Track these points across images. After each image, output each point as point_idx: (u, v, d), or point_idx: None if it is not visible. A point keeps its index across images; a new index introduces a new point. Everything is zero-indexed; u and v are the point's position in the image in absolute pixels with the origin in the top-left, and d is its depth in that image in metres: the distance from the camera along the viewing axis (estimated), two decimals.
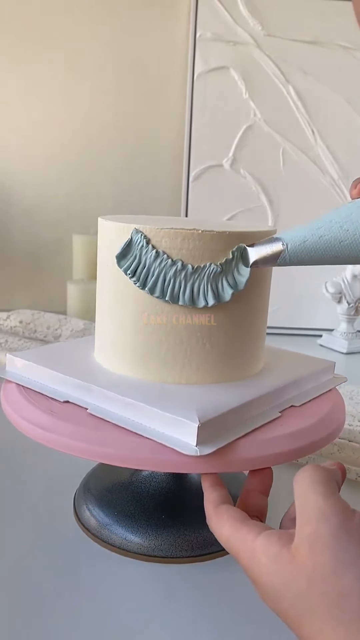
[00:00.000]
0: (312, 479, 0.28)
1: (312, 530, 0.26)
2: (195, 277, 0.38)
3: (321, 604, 0.24)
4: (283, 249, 0.35)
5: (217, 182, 1.07)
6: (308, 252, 0.34)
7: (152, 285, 0.38)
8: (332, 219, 0.34)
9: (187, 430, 0.34)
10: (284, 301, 1.07)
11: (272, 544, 0.28)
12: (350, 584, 0.24)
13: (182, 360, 0.40)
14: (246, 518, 0.31)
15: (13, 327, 0.90)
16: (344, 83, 1.06)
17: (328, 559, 0.25)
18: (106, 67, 1.09)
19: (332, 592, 0.24)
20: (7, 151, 1.10)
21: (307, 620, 0.25)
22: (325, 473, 0.28)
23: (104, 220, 0.42)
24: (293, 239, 0.35)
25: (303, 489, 0.28)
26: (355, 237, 0.33)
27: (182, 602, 0.38)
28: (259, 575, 0.27)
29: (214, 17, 1.03)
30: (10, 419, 0.40)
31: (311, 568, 0.25)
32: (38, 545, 0.43)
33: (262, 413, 0.39)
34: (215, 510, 0.32)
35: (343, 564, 0.24)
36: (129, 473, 0.47)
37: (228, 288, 0.38)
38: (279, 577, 0.26)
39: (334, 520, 0.26)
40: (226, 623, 0.36)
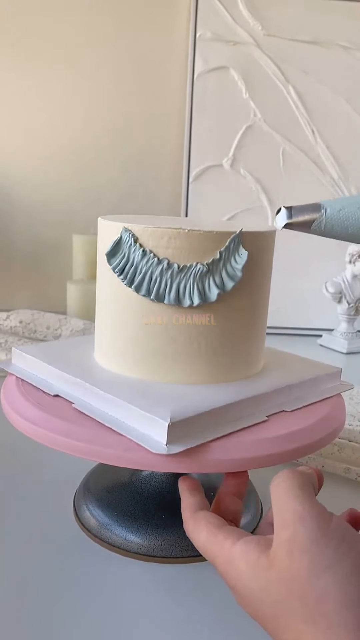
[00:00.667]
0: (288, 483, 0.28)
1: (290, 534, 0.26)
2: (181, 277, 0.38)
3: (299, 608, 0.24)
4: (321, 214, 0.35)
5: (217, 182, 1.07)
6: (344, 220, 0.34)
7: (138, 283, 0.38)
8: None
9: (159, 429, 0.34)
10: (284, 301, 1.07)
11: (251, 550, 0.27)
12: (327, 588, 0.24)
13: (180, 360, 0.40)
14: (223, 524, 0.31)
15: (13, 327, 0.90)
16: (344, 83, 1.06)
17: (306, 564, 0.25)
18: (106, 67, 1.09)
19: (310, 596, 0.24)
20: (8, 151, 1.10)
21: (286, 625, 0.25)
22: (302, 477, 0.28)
23: (103, 220, 0.42)
24: (332, 205, 0.35)
25: (280, 494, 0.28)
26: None
27: (182, 602, 0.38)
28: (237, 581, 0.27)
29: (214, 17, 1.03)
30: (4, 409, 0.41)
31: (289, 573, 0.25)
32: (38, 545, 0.43)
33: (247, 415, 0.38)
34: (192, 516, 0.32)
35: (320, 568, 0.24)
36: (129, 473, 0.47)
37: (214, 288, 0.38)
38: (257, 583, 0.26)
39: (311, 524, 0.26)
40: (226, 623, 0.36)
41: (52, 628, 0.35)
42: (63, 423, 0.37)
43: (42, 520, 0.46)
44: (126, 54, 1.08)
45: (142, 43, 1.08)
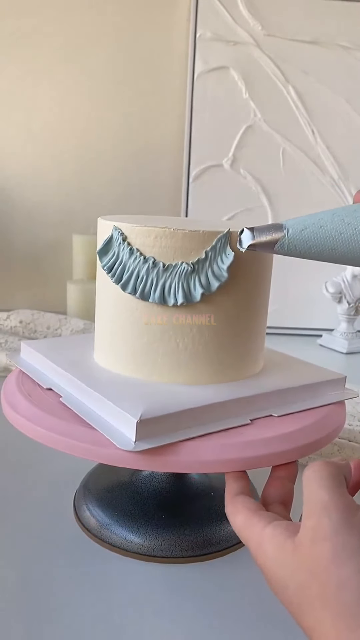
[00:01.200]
0: (319, 473, 0.28)
1: (315, 522, 0.26)
2: (166, 276, 0.38)
3: (320, 595, 0.25)
4: (283, 235, 0.35)
5: (217, 182, 1.07)
6: (306, 240, 0.34)
7: (125, 281, 0.39)
8: (335, 212, 0.34)
9: (129, 425, 0.34)
10: (284, 301, 1.07)
11: (279, 534, 0.28)
12: (348, 577, 0.24)
13: (179, 361, 0.40)
14: (260, 508, 0.32)
15: (13, 327, 0.90)
16: (344, 83, 1.06)
17: (327, 552, 0.25)
18: (106, 67, 1.09)
19: (330, 584, 0.25)
20: (8, 151, 1.10)
21: (308, 610, 0.25)
22: (333, 468, 0.29)
23: (101, 220, 0.42)
24: (294, 225, 0.35)
25: (310, 483, 0.28)
26: (356, 232, 0.33)
27: (182, 602, 0.38)
28: (264, 564, 0.28)
29: (214, 17, 1.03)
30: (3, 408, 0.41)
31: (311, 560, 0.26)
32: (38, 545, 0.43)
33: (229, 418, 0.38)
34: (232, 500, 0.33)
35: (342, 557, 0.25)
36: (129, 473, 0.47)
37: (199, 288, 0.38)
38: (283, 567, 0.27)
39: (335, 514, 0.26)
40: (226, 623, 0.36)
41: (52, 628, 0.35)
42: (45, 415, 0.38)
43: (42, 520, 0.46)
44: (126, 54, 1.08)
45: (142, 43, 1.08)
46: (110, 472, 0.49)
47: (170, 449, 0.34)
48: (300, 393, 0.42)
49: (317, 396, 0.43)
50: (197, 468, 0.35)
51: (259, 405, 0.40)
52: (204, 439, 0.35)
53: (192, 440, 0.35)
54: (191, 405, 0.36)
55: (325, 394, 0.44)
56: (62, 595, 0.38)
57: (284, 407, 0.41)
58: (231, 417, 0.38)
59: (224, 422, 0.37)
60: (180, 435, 0.35)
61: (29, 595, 0.37)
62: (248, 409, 0.39)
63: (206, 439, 0.35)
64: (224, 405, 0.38)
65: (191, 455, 0.34)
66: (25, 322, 0.90)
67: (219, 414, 0.38)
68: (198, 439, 0.35)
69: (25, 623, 0.35)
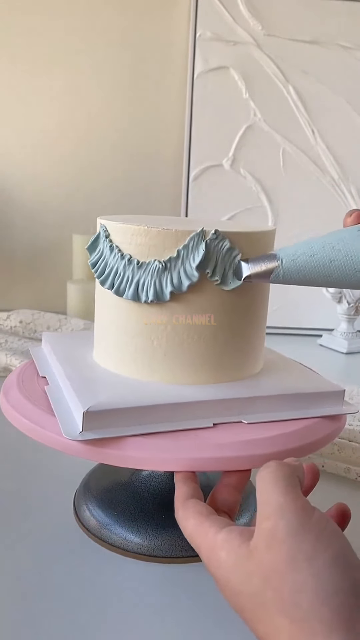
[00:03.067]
0: (274, 474, 0.28)
1: (270, 526, 0.26)
2: (141, 273, 0.38)
3: (275, 600, 0.24)
4: (277, 265, 0.35)
5: (217, 182, 1.07)
6: (300, 269, 0.35)
7: (105, 277, 0.40)
8: (324, 240, 0.35)
9: (79, 415, 0.35)
10: (284, 301, 1.07)
11: (232, 539, 0.28)
12: (304, 581, 0.24)
13: (178, 361, 0.40)
14: (211, 513, 0.31)
15: (13, 327, 0.90)
16: (344, 83, 1.06)
17: (284, 555, 0.25)
18: (106, 67, 1.09)
19: (286, 588, 0.24)
20: (8, 151, 1.10)
21: (263, 616, 0.25)
22: (288, 469, 0.28)
23: (100, 220, 0.42)
24: (287, 255, 0.35)
25: (264, 485, 0.28)
26: (347, 258, 0.33)
27: (182, 602, 0.38)
28: (217, 570, 0.27)
29: (214, 16, 1.03)
30: (2, 407, 0.42)
31: (267, 564, 0.25)
32: (38, 545, 0.43)
33: (190, 419, 0.37)
34: (182, 504, 0.32)
35: (298, 561, 0.24)
36: (129, 473, 0.47)
37: (169, 286, 0.38)
38: (236, 572, 0.26)
39: (291, 517, 0.26)
40: (226, 623, 0.36)
41: (52, 628, 0.35)
42: (23, 400, 0.40)
43: (42, 520, 0.46)
44: (126, 54, 1.08)
45: (142, 43, 1.08)
46: (111, 472, 0.49)
47: (116, 443, 0.35)
48: (286, 402, 0.40)
49: (308, 407, 0.41)
50: (140, 464, 0.34)
51: (231, 409, 0.38)
52: (154, 437, 0.35)
53: (141, 437, 0.35)
54: (149, 402, 0.36)
55: (318, 405, 0.41)
56: (62, 595, 0.38)
57: (263, 414, 0.39)
58: (197, 418, 0.38)
59: (184, 423, 0.37)
60: (130, 430, 0.35)
61: (28, 595, 0.37)
62: (215, 412, 0.38)
63: (157, 437, 0.35)
64: (186, 406, 0.37)
65: (135, 451, 0.34)
66: (25, 322, 0.90)
67: (181, 414, 0.37)
68: (149, 436, 0.35)
69: (25, 623, 0.35)
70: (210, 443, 0.35)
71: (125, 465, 0.35)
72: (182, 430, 0.36)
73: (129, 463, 0.34)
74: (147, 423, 0.36)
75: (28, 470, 0.53)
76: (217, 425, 0.37)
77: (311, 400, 0.41)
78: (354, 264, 0.33)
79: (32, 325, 0.90)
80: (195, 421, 0.37)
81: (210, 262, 0.38)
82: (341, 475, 0.55)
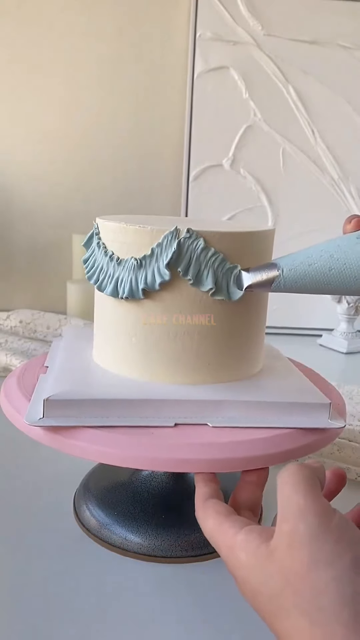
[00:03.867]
0: (294, 477, 0.28)
1: (291, 528, 0.26)
2: (120, 269, 0.39)
3: (296, 601, 0.24)
4: (278, 274, 0.35)
5: (217, 182, 1.07)
6: (301, 278, 0.35)
7: (92, 273, 0.42)
8: (322, 248, 0.35)
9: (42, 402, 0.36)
10: (284, 301, 1.07)
11: (252, 540, 0.28)
12: (325, 583, 0.24)
13: (175, 361, 0.40)
14: (231, 513, 0.31)
15: (13, 327, 0.90)
16: (344, 83, 1.06)
17: (305, 558, 0.25)
18: (106, 67, 1.09)
19: (307, 590, 0.24)
20: (7, 151, 1.10)
21: (282, 617, 0.25)
22: (309, 471, 0.28)
23: (99, 220, 0.42)
24: (286, 264, 0.35)
25: (285, 487, 0.28)
26: (345, 267, 0.34)
27: (182, 602, 0.38)
28: (237, 570, 0.28)
29: (213, 16, 1.03)
30: (2, 406, 0.42)
31: (287, 565, 0.25)
32: (38, 545, 0.43)
33: (150, 417, 0.37)
34: (202, 504, 0.33)
35: (319, 563, 0.24)
36: (129, 473, 0.47)
37: (142, 283, 0.38)
38: (256, 573, 0.26)
39: (312, 519, 0.26)
40: (226, 623, 0.36)
41: (52, 628, 0.35)
42: (20, 395, 0.40)
43: (42, 520, 0.46)
44: (126, 54, 1.08)
45: (142, 43, 1.08)
46: (111, 472, 0.49)
47: (72, 432, 0.35)
48: (259, 409, 0.38)
49: (284, 416, 0.38)
50: (90, 456, 0.35)
51: (195, 410, 0.38)
52: (111, 430, 0.35)
53: (98, 429, 0.35)
54: (109, 396, 0.37)
55: (298, 416, 0.38)
56: (62, 595, 0.38)
57: (235, 419, 0.38)
58: (158, 417, 0.37)
59: (145, 420, 0.37)
60: (88, 422, 0.36)
61: (28, 595, 0.37)
62: (179, 412, 0.38)
63: (114, 431, 0.35)
64: (145, 403, 0.37)
65: (88, 442, 0.35)
66: (25, 322, 0.90)
67: (140, 411, 0.37)
68: (107, 429, 0.36)
69: (25, 623, 0.35)
70: (163, 442, 0.35)
71: (78, 455, 0.35)
72: (142, 427, 0.36)
73: (80, 453, 0.35)
74: (105, 416, 0.37)
75: (28, 470, 0.53)
76: (179, 425, 0.37)
77: (288, 410, 0.38)
78: (353, 272, 0.33)
79: (32, 325, 0.90)
80: (156, 419, 0.37)
81: (182, 261, 0.37)
82: None
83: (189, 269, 0.37)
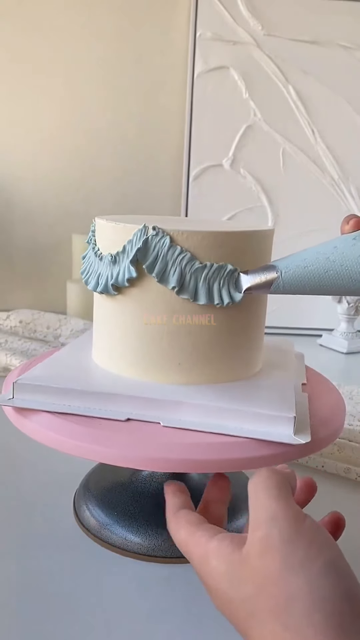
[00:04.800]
0: (266, 482, 0.28)
1: (263, 533, 0.26)
2: (101, 265, 0.41)
3: (269, 607, 0.24)
4: (277, 276, 0.35)
5: (217, 182, 1.07)
6: (299, 280, 0.35)
7: (84, 269, 0.43)
8: (318, 250, 0.35)
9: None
10: (284, 301, 1.07)
11: (224, 547, 0.28)
12: (297, 588, 0.24)
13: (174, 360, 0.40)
14: (203, 522, 0.31)
15: (13, 327, 0.90)
16: (344, 83, 1.06)
17: (277, 563, 0.25)
18: (106, 67, 1.09)
19: (280, 595, 0.24)
20: (7, 151, 1.10)
21: (255, 623, 0.25)
22: (280, 477, 0.28)
23: (98, 219, 0.43)
24: (284, 266, 0.35)
25: (257, 492, 0.28)
26: (342, 268, 0.34)
27: (182, 602, 0.38)
28: (209, 578, 0.28)
29: (213, 16, 1.03)
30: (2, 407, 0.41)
31: (260, 571, 0.25)
32: (38, 545, 0.43)
33: (106, 410, 0.38)
34: (174, 515, 0.33)
35: (291, 568, 0.24)
36: (129, 473, 0.47)
37: (112, 279, 0.39)
38: (228, 579, 0.26)
39: (284, 524, 0.26)
40: (226, 623, 0.36)
41: (53, 628, 0.35)
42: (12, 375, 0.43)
43: (42, 521, 0.46)
44: (126, 54, 1.08)
45: (142, 43, 1.08)
46: (110, 472, 0.49)
47: (30, 415, 0.38)
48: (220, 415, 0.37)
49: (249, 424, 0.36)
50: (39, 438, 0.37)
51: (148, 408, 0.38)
52: (65, 417, 0.37)
53: (54, 415, 0.37)
54: (69, 386, 0.38)
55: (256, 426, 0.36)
56: (62, 595, 0.38)
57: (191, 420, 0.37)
58: (114, 411, 0.38)
59: (100, 412, 0.38)
60: (48, 407, 0.38)
61: (29, 595, 0.37)
62: (131, 408, 0.38)
63: (71, 419, 0.37)
64: (100, 396, 0.38)
65: (39, 425, 0.37)
66: (25, 322, 0.90)
67: (99, 403, 0.38)
68: (62, 415, 0.37)
69: (25, 623, 0.35)
70: (101, 433, 0.35)
71: (32, 437, 0.37)
72: (94, 418, 0.37)
73: (34, 435, 0.37)
74: (64, 404, 0.38)
75: (28, 471, 0.53)
76: (131, 420, 0.37)
77: (249, 419, 0.36)
78: (350, 274, 0.34)
79: (32, 325, 0.90)
80: (109, 412, 0.38)
81: (147, 258, 0.38)
82: (341, 475, 0.55)
83: (155, 266, 0.38)
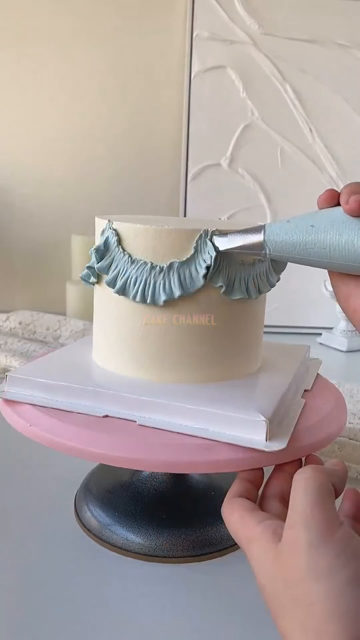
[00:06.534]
0: (307, 483, 0.28)
1: (294, 534, 0.26)
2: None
3: (292, 607, 0.25)
4: (263, 237, 0.36)
5: (215, 181, 1.07)
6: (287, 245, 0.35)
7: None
8: (303, 217, 0.35)
9: None
10: (284, 300, 1.07)
11: (266, 537, 0.28)
12: (319, 595, 0.24)
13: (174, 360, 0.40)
14: (255, 509, 0.32)
15: (12, 329, 0.90)
16: (342, 81, 1.06)
17: (303, 567, 0.25)
18: (104, 67, 1.09)
19: (301, 598, 0.25)
20: (7, 152, 1.10)
21: (281, 616, 0.26)
22: (323, 479, 0.28)
23: (98, 218, 0.43)
24: (274, 231, 0.36)
25: (297, 490, 0.28)
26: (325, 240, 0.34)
27: (182, 602, 0.38)
28: (251, 560, 0.29)
29: (210, 16, 1.03)
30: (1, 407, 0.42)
31: (288, 570, 0.26)
32: (39, 545, 0.43)
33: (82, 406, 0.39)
34: (229, 500, 0.33)
35: (316, 574, 0.25)
36: (129, 473, 0.47)
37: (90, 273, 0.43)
38: (263, 570, 0.27)
39: (314, 530, 0.26)
40: (226, 623, 0.36)
41: (53, 628, 0.35)
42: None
43: (43, 521, 0.46)
44: (123, 54, 1.08)
45: (140, 43, 1.08)
46: (111, 473, 0.49)
47: (16, 406, 0.40)
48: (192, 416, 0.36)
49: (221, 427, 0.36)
50: (19, 427, 0.39)
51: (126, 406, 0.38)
52: (50, 412, 0.39)
53: (36, 408, 0.39)
54: (55, 381, 0.40)
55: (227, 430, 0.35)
56: (63, 596, 0.38)
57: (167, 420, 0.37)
58: (94, 406, 0.39)
59: (82, 407, 0.39)
60: (33, 400, 0.40)
61: (29, 596, 0.37)
62: (110, 405, 0.38)
63: (51, 413, 0.38)
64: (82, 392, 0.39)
65: (20, 416, 0.39)
66: (25, 323, 0.90)
67: (82, 399, 0.39)
68: (44, 409, 0.39)
69: (26, 623, 0.35)
70: (74, 428, 0.37)
71: (16, 427, 0.39)
72: (72, 412, 0.39)
73: (16, 426, 0.39)
74: (50, 399, 0.40)
75: (29, 471, 0.53)
76: (108, 417, 0.38)
77: (221, 422, 0.36)
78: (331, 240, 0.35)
79: (32, 327, 0.90)
80: (89, 408, 0.39)
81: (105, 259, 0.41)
82: None
83: (110, 268, 0.41)
